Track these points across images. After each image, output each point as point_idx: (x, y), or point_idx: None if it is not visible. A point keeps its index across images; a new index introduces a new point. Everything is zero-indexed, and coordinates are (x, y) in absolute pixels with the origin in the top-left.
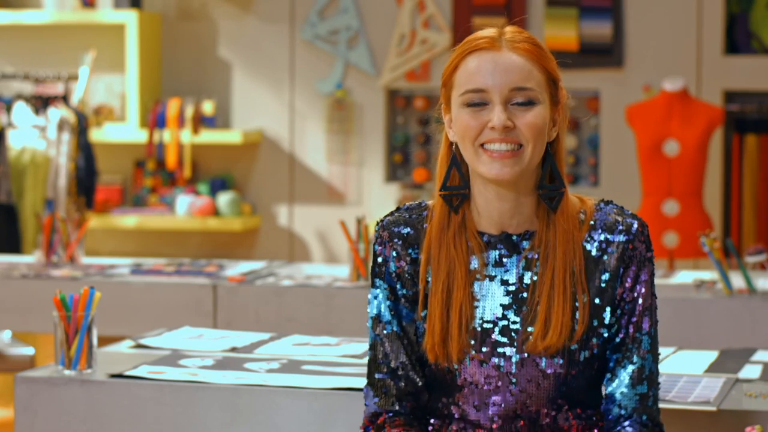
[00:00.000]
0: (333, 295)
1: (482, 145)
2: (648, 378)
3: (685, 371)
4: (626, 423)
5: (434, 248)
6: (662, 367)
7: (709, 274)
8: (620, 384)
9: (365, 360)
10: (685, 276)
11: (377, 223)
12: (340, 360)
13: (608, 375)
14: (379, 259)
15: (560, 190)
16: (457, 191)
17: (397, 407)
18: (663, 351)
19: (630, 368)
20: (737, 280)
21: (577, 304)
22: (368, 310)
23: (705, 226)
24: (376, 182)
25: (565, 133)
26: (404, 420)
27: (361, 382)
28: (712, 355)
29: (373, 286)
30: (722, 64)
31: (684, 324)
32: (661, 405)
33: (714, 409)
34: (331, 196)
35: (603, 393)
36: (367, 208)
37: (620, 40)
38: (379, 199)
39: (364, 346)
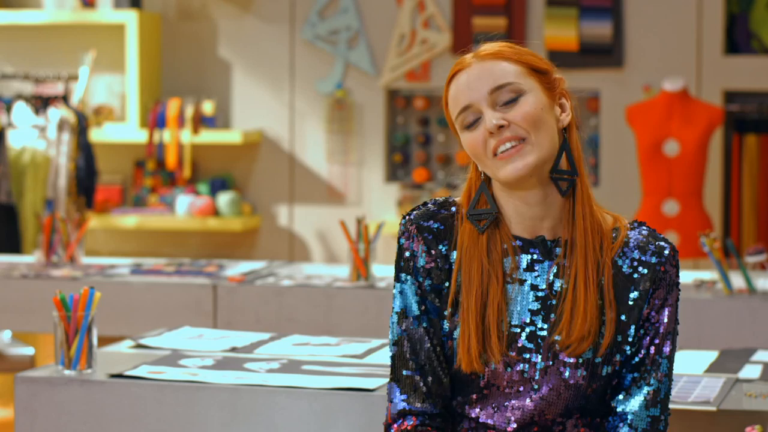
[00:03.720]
0: (333, 295)
1: (495, 154)
2: (662, 402)
3: (685, 371)
4: None
5: (465, 261)
6: None
7: (709, 274)
8: (634, 404)
9: (365, 360)
10: (685, 276)
11: (403, 217)
12: (340, 360)
13: (622, 393)
14: (407, 254)
15: (573, 176)
16: (487, 213)
17: (427, 405)
18: None
19: (646, 390)
20: (737, 280)
21: (604, 318)
22: (393, 305)
23: (705, 226)
24: (376, 182)
25: (575, 119)
26: (435, 427)
27: (362, 382)
28: (712, 355)
29: (399, 280)
30: (722, 64)
31: (684, 324)
32: None
33: (714, 409)
34: (331, 196)
35: (614, 410)
36: (367, 208)
37: (620, 40)
38: (379, 199)
39: (364, 346)
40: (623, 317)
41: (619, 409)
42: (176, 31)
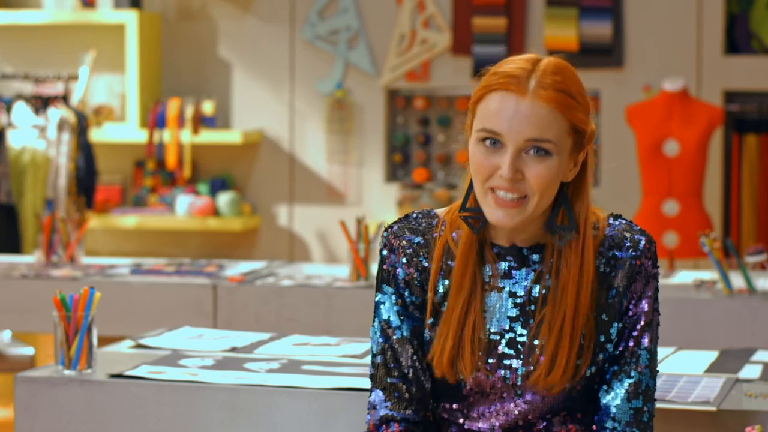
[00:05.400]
0: (333, 295)
1: (491, 188)
2: (644, 393)
3: (685, 371)
4: None
5: (458, 267)
6: (662, 367)
7: (709, 274)
8: (615, 397)
9: (365, 360)
10: (685, 276)
11: (385, 230)
12: (340, 360)
13: (604, 387)
14: (387, 265)
15: (569, 233)
16: (477, 212)
17: (410, 412)
18: (663, 351)
19: (627, 382)
20: (737, 280)
21: (583, 342)
22: (375, 315)
23: (705, 226)
24: (376, 182)
25: (593, 174)
26: None
27: (362, 382)
28: (712, 355)
29: (380, 291)
30: (722, 64)
31: (684, 324)
32: (661, 405)
33: (714, 409)
34: (331, 196)
35: (599, 404)
36: (367, 208)
37: (620, 40)
38: (379, 199)
39: (364, 346)
40: (604, 316)
41: (602, 403)
42: (176, 31)
